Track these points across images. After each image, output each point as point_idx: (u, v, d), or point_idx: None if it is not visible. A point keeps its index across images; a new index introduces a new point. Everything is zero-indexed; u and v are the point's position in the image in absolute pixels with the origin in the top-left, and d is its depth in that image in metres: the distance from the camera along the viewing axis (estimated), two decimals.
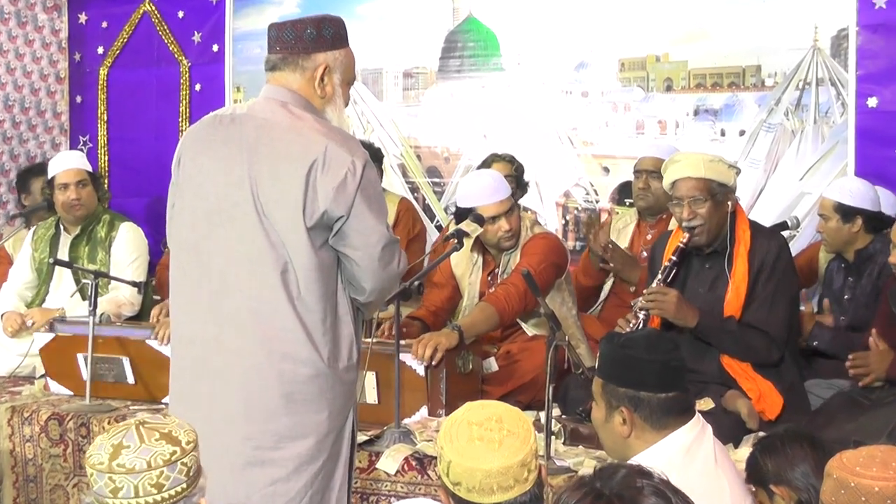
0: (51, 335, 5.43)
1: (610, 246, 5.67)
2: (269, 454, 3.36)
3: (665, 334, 3.81)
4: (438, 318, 5.43)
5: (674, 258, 4.63)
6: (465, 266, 5.42)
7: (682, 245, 4.62)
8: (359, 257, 3.37)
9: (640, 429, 3.08)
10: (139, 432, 2.37)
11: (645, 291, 4.61)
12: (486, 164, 6.17)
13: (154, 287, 6.53)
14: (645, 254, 5.69)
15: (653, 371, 3.08)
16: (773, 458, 3.23)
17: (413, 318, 5.32)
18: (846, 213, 5.10)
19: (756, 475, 3.28)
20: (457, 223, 5.18)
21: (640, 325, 4.55)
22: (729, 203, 4.59)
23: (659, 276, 4.63)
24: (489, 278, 5.35)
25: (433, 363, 4.63)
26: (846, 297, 5.15)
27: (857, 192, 5.14)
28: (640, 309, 4.57)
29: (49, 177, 6.22)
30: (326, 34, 3.46)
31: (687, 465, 2.99)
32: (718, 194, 4.56)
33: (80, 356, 5.27)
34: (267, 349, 3.33)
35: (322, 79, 3.45)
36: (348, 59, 3.52)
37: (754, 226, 4.72)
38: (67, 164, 6.20)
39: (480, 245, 5.36)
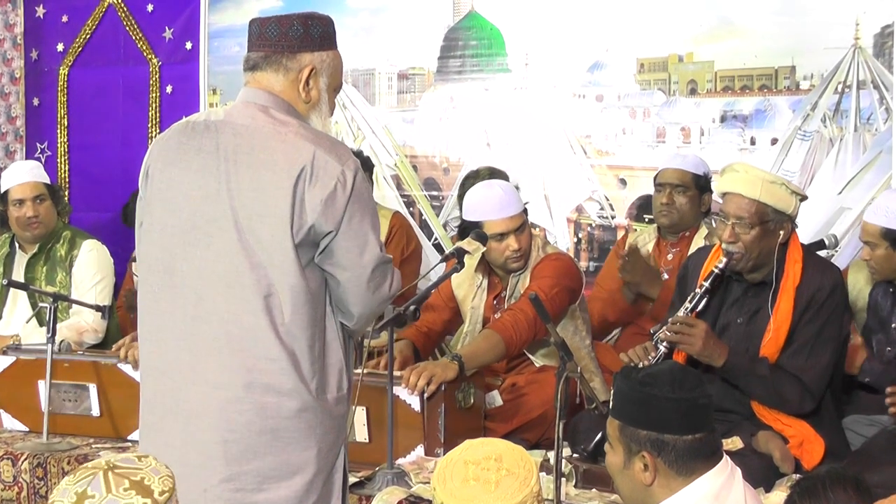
0: (10, 359, 5.42)
1: (631, 254, 5.68)
2: (251, 497, 3.34)
3: (689, 369, 3.79)
4: (430, 339, 5.43)
5: (706, 285, 4.58)
6: (467, 288, 5.42)
7: (717, 271, 4.57)
8: (346, 278, 3.36)
9: (664, 475, 3.06)
10: (106, 480, 2.34)
11: (670, 321, 4.56)
12: (464, 187, 6.08)
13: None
14: (666, 276, 5.69)
15: (678, 411, 3.05)
16: (814, 502, 3.22)
17: (402, 337, 5.31)
18: (895, 239, 5.04)
19: None
20: (460, 238, 5.17)
21: (660, 357, 4.52)
22: (782, 233, 4.52)
23: (687, 305, 4.59)
24: (495, 302, 5.35)
25: (426, 395, 4.62)
26: (894, 325, 5.13)
27: None
28: (662, 341, 4.53)
29: (2, 191, 6.22)
30: (314, 33, 3.46)
31: None
32: (771, 222, 4.49)
33: (40, 384, 5.25)
34: (247, 381, 3.31)
35: (307, 81, 3.45)
36: (336, 62, 3.52)
37: (808, 257, 4.67)
38: (22, 176, 6.19)
39: (486, 265, 5.36)
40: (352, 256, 3.34)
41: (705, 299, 4.60)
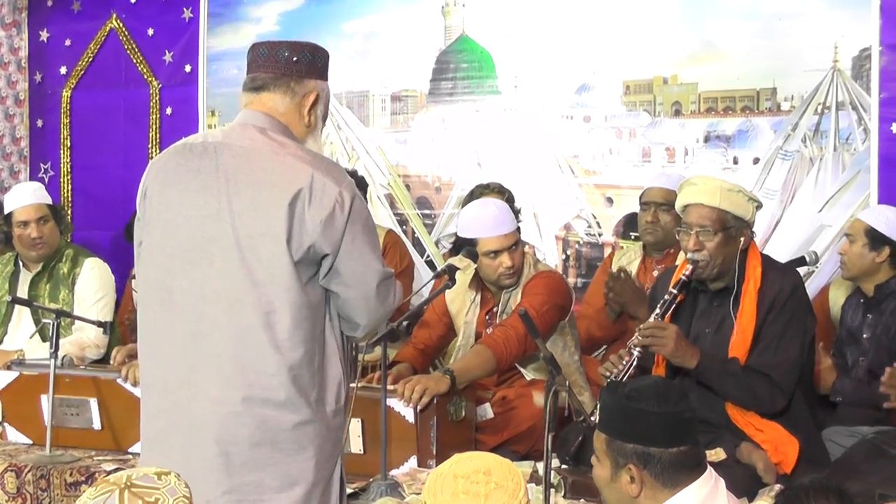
0: (14, 374, 5.43)
1: (622, 275, 5.67)
2: None
3: (673, 383, 3.80)
4: (427, 356, 5.44)
5: (674, 291, 4.61)
6: (460, 303, 5.42)
7: (684, 278, 4.61)
8: (353, 296, 3.38)
9: (650, 487, 3.06)
10: (121, 498, 2.32)
11: (641, 326, 4.58)
12: (472, 196, 6.12)
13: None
14: None
15: (663, 425, 3.05)
16: None
17: (398, 360, 5.32)
18: (875, 239, 5.12)
19: None
20: (454, 254, 5.18)
21: (633, 363, 4.52)
22: (742, 239, 4.58)
23: (657, 311, 4.61)
24: (487, 317, 5.35)
25: (419, 408, 4.62)
26: (865, 335, 5.15)
27: (893, 222, 5.17)
28: (636, 346, 4.54)
29: (6, 212, 6.21)
30: (318, 62, 3.52)
31: None
32: (732, 228, 4.56)
33: (43, 398, 5.24)
34: (247, 395, 3.30)
35: (312, 106, 3.49)
36: (329, 93, 3.59)
37: (767, 261, 4.72)
38: (26, 198, 6.19)
39: (479, 281, 5.36)
40: (356, 275, 3.36)
41: (674, 304, 4.62)
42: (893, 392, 4.48)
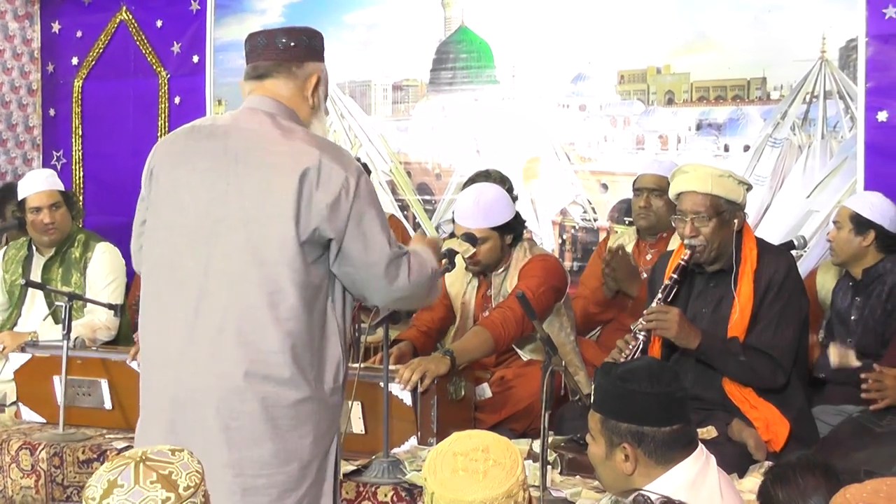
0: (27, 356, 5.41)
1: (620, 252, 5.70)
2: (251, 482, 3.33)
3: (666, 364, 3.82)
4: (430, 338, 5.43)
5: (675, 276, 4.64)
6: (459, 286, 5.42)
7: (683, 263, 4.63)
8: (362, 277, 3.38)
9: (644, 464, 3.07)
10: (136, 471, 2.33)
11: (645, 311, 4.62)
12: (471, 181, 6.05)
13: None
14: (645, 275, 5.70)
15: (656, 404, 3.06)
16: (786, 488, 3.21)
17: (401, 339, 5.32)
18: (860, 224, 5.14)
19: None
20: (451, 236, 5.18)
21: (640, 346, 4.56)
22: (736, 221, 4.61)
23: (659, 295, 4.64)
24: (483, 300, 5.36)
25: (420, 390, 4.62)
26: (853, 317, 5.17)
27: (877, 207, 5.18)
28: (641, 330, 4.58)
29: (19, 198, 6.21)
30: (316, 45, 3.53)
31: (692, 501, 2.99)
32: (725, 212, 4.58)
33: (55, 379, 5.24)
34: (249, 371, 3.30)
35: (315, 88, 3.50)
36: (327, 74, 3.60)
37: (762, 244, 4.74)
38: (39, 185, 6.17)
39: None
40: (362, 257, 3.35)
41: (675, 289, 4.64)
42: (877, 395, 4.49)
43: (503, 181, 6.00)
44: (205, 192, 3.37)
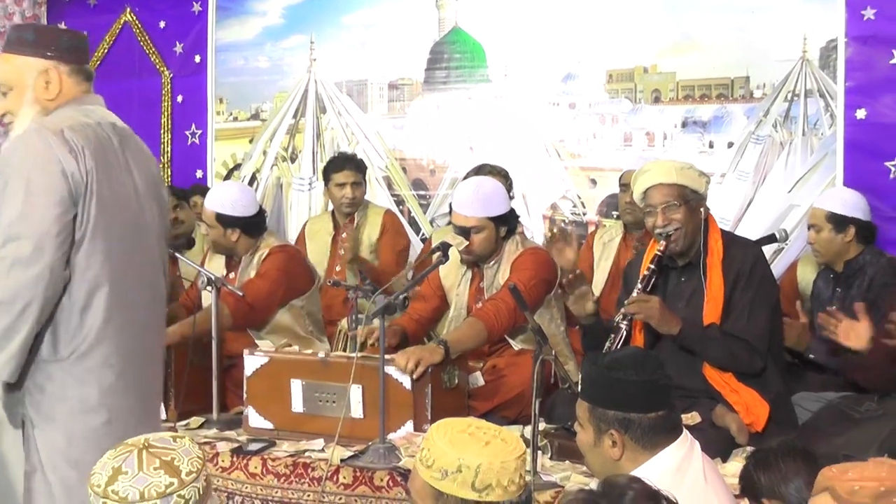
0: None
1: (578, 272, 5.04)
2: None
3: (650, 353, 3.82)
4: (421, 326, 5.44)
5: (652, 266, 4.64)
6: (453, 278, 5.43)
7: (659, 253, 4.63)
8: None
9: (631, 450, 3.07)
10: (140, 458, 2.36)
11: (626, 301, 4.62)
12: (478, 172, 6.00)
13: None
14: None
15: (642, 392, 3.07)
16: (767, 472, 3.24)
17: (394, 324, 5.33)
18: (839, 222, 5.16)
19: (749, 489, 3.30)
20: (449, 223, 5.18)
21: (623, 336, 4.58)
22: (702, 210, 4.62)
23: (639, 286, 4.64)
24: (476, 292, 5.37)
25: (414, 377, 4.63)
26: (834, 307, 5.17)
27: (849, 202, 5.20)
28: (622, 319, 4.59)
29: None
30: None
31: (677, 484, 2.99)
32: (692, 200, 4.59)
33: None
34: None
35: None
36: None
37: (727, 236, 4.76)
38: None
39: None
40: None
41: (653, 279, 4.65)
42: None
43: (505, 178, 6.03)
44: (132, 191, 3.61)
